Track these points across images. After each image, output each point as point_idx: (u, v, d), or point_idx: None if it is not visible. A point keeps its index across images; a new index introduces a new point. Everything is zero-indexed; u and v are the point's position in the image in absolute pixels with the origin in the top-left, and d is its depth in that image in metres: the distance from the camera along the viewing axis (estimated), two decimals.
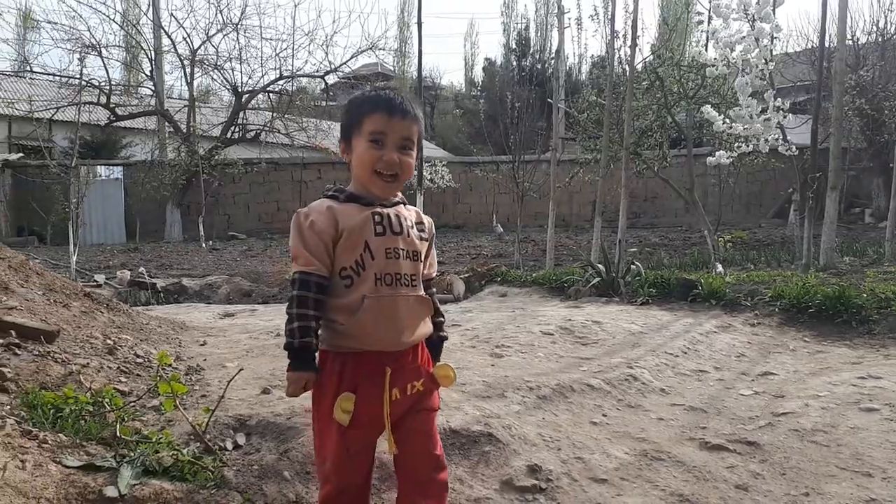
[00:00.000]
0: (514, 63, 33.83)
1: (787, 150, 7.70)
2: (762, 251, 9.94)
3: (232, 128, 19.33)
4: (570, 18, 26.76)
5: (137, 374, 2.97)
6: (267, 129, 19.15)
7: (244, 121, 19.65)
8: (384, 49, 20.59)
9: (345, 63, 19.72)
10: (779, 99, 7.61)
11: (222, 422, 2.56)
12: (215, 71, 19.59)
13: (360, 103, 1.70)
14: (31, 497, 1.76)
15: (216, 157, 17.99)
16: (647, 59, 12.53)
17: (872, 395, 3.11)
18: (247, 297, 8.21)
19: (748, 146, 8.25)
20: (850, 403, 3.02)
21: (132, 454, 2.05)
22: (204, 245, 15.08)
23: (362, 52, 19.42)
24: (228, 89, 19.86)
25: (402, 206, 1.73)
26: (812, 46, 17.61)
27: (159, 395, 2.40)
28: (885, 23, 17.57)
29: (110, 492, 1.86)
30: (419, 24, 9.16)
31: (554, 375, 3.32)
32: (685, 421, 2.90)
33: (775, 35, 7.73)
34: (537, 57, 33.05)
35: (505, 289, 6.68)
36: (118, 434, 2.16)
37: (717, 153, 8.36)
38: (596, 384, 3.24)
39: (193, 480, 2.00)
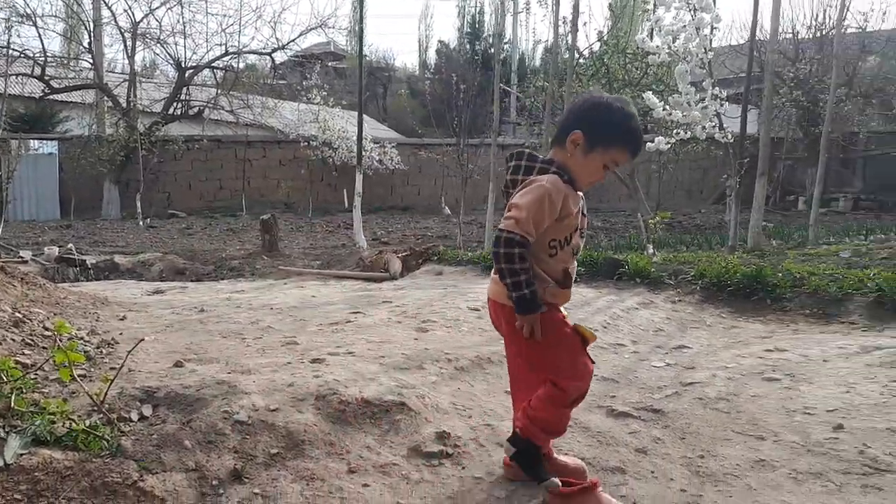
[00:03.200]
0: (468, 47, 33.76)
1: (722, 138, 7.90)
2: (697, 235, 10.22)
3: (174, 104, 18.80)
4: (521, 3, 26.83)
5: (43, 347, 2.88)
6: (211, 105, 18.69)
7: (188, 97, 19.14)
8: (334, 28, 20.32)
9: (293, 41, 19.44)
10: (716, 88, 7.80)
11: (129, 393, 2.51)
12: (158, 45, 19.00)
13: (621, 129, 1.93)
14: None
15: (157, 134, 17.49)
16: (592, 46, 12.69)
17: (776, 366, 3.24)
18: (180, 275, 8.04)
19: (686, 133, 8.44)
20: (754, 374, 3.15)
21: (24, 425, 2.00)
22: (141, 223, 14.69)
23: (311, 29, 19.12)
24: (171, 64, 19.32)
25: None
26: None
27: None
28: (824, 18, 18.14)
29: None
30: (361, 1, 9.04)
31: (475, 348, 3.36)
32: (596, 390, 2.97)
33: (715, 25, 7.90)
34: (490, 41, 33.03)
35: (441, 267, 6.71)
36: (12, 405, 2.10)
37: (657, 139, 8.53)
38: None
39: (87, 450, 1.96)
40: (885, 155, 17.48)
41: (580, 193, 2.00)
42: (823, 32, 18.16)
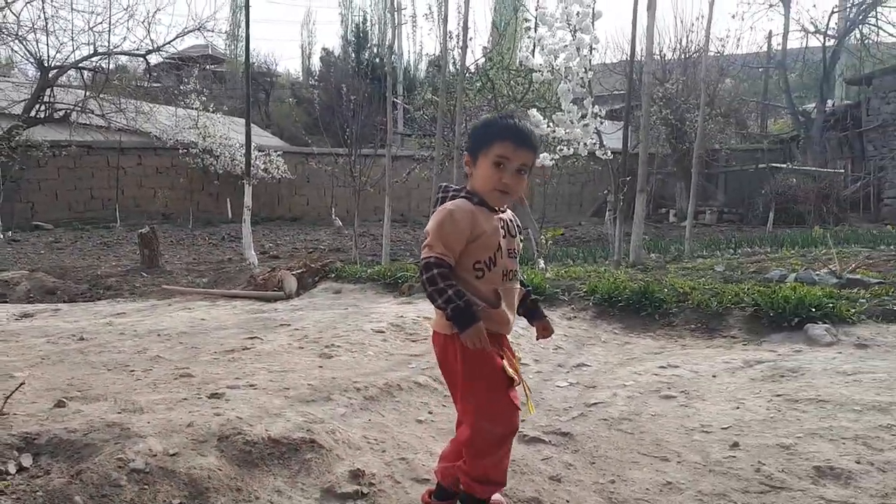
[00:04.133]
0: (353, 55, 33.52)
1: (603, 154, 8.27)
2: (581, 248, 10.62)
3: (37, 106, 17.35)
4: (407, 15, 26.99)
5: None
6: (79, 109, 17.41)
7: (52, 98, 17.72)
8: (213, 31, 19.54)
9: (169, 43, 18.45)
10: (596, 106, 8.16)
11: (4, 441, 2.27)
12: (16, 41, 17.47)
13: (492, 128, 1.97)
14: None
15: (17, 138, 16.06)
16: (478, 62, 12.94)
17: (671, 383, 3.40)
18: (51, 295, 7.40)
19: (569, 149, 8.76)
20: (651, 392, 3.28)
21: None
22: (1, 236, 13.44)
23: (189, 32, 18.26)
24: (32, 63, 17.82)
25: (508, 211, 2.06)
26: (626, 59, 19.07)
27: None
28: (687, 42, 19.51)
29: None
30: (247, 5, 8.75)
31: (382, 375, 3.30)
32: None
33: (594, 46, 8.28)
34: (375, 51, 32.99)
35: (339, 285, 6.57)
36: None
37: (542, 155, 8.80)
38: (423, 381, 3.26)
39: None
40: (743, 170, 19.01)
41: (504, 214, 2.01)
42: (687, 56, 19.55)
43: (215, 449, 2.32)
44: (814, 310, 4.27)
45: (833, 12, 19.70)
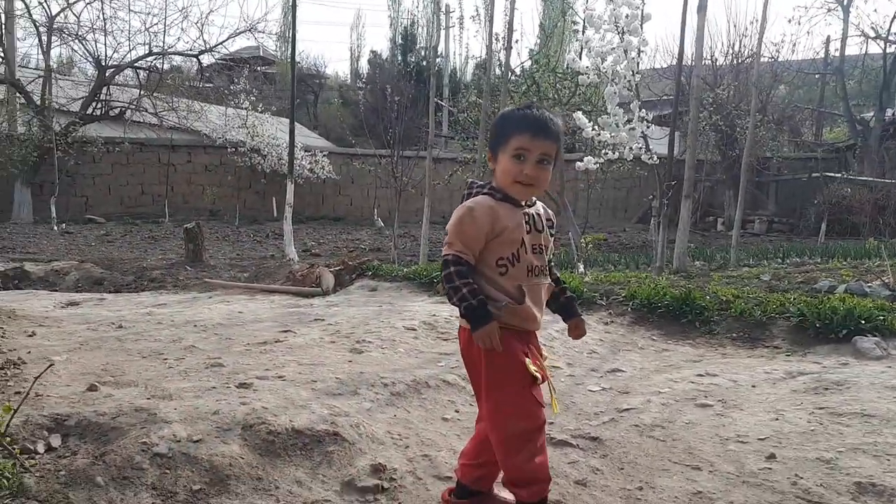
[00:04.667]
0: (400, 58, 33.75)
1: (649, 159, 8.11)
2: (623, 254, 10.44)
3: (94, 103, 17.93)
4: (454, 18, 27.07)
5: None
6: (133, 107, 17.92)
7: (108, 97, 18.29)
8: (264, 32, 19.90)
9: (221, 43, 18.89)
10: (643, 110, 8.02)
11: (36, 422, 2.31)
12: (76, 41, 18.12)
13: (509, 121, 1.94)
14: None
15: (74, 134, 16.62)
16: (524, 64, 12.87)
17: (708, 392, 3.29)
18: (98, 285, 7.61)
19: (614, 153, 8.62)
20: (687, 399, 3.18)
21: None
22: (56, 228, 13.91)
23: (240, 33, 18.67)
24: (91, 62, 18.45)
25: (538, 206, 2.02)
26: (675, 63, 18.76)
27: None
28: (740, 46, 19.04)
29: None
30: (293, 5, 8.88)
31: (411, 371, 3.27)
32: None
33: (642, 49, 8.13)
34: (423, 54, 33.14)
35: (376, 283, 6.59)
36: None
37: (585, 158, 8.68)
38: (452, 380, 3.22)
39: None
40: (795, 179, 18.45)
41: (532, 209, 1.97)
42: (739, 61, 19.08)
43: (239, 437, 2.33)
44: (863, 322, 4.09)
45: None
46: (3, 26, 17.17)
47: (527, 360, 1.92)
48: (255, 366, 3.21)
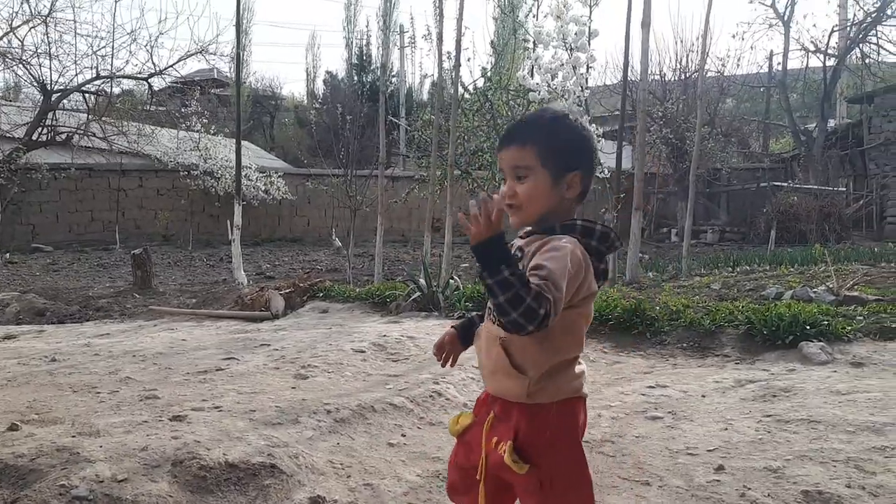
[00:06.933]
0: (356, 78, 33.70)
1: (600, 173, 8.18)
2: None
3: (39, 129, 17.42)
4: (406, 38, 27.16)
5: None
6: (81, 132, 17.45)
7: (54, 122, 17.79)
8: (216, 55, 19.59)
9: (171, 66, 18.49)
10: (593, 125, 8.09)
11: None
12: (20, 66, 17.60)
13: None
14: None
15: (18, 161, 16.11)
16: (476, 82, 12.92)
17: (658, 404, 3.27)
18: (40, 317, 7.30)
19: None
20: (637, 413, 3.15)
21: None
22: None
23: (191, 55, 18.32)
24: (36, 87, 17.92)
25: (534, 238, 1.46)
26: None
27: None
28: (687, 61, 19.50)
29: None
30: (237, 24, 8.79)
31: (356, 396, 3.18)
32: None
33: (591, 65, 8.23)
34: (378, 73, 33.17)
35: (327, 304, 6.46)
36: None
37: None
38: (399, 402, 3.13)
39: None
40: (745, 189, 18.88)
41: (520, 241, 1.52)
42: (687, 75, 19.52)
43: (168, 474, 2.21)
44: (809, 327, 4.14)
45: (833, 31, 19.64)
46: None
47: (462, 413, 1.60)
48: (191, 396, 3.08)
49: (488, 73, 12.50)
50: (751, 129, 23.63)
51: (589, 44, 7.88)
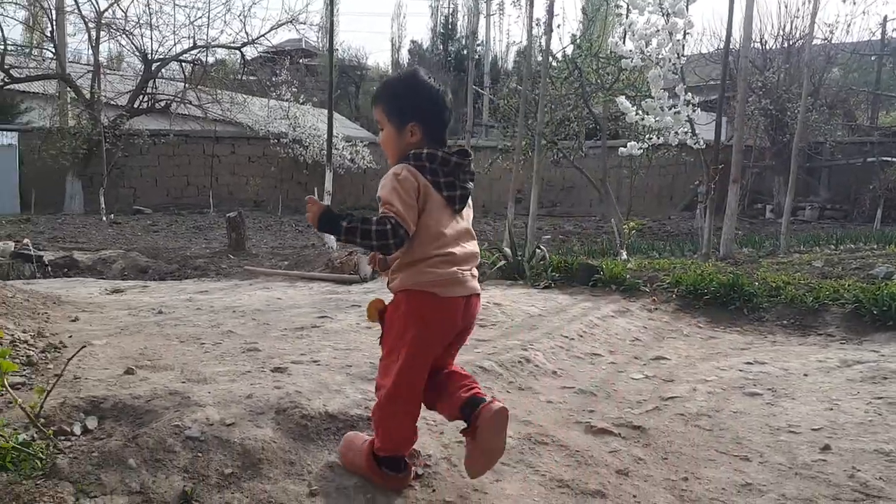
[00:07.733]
0: (441, 47, 33.62)
1: (695, 144, 7.88)
2: (668, 241, 10.20)
3: (140, 97, 18.32)
4: (495, 4, 26.80)
5: None
6: (178, 100, 18.24)
7: (154, 90, 18.67)
8: (306, 24, 20.03)
9: (263, 35, 19.02)
10: (689, 94, 7.78)
11: (72, 404, 2.32)
12: (123, 36, 18.50)
13: None
14: None
15: (122, 127, 17.02)
16: (565, 49, 12.62)
17: (757, 380, 3.15)
18: (142, 274, 7.75)
19: (659, 138, 8.38)
20: (735, 388, 3.05)
21: None
22: (104, 219, 14.25)
23: (281, 24, 18.78)
24: (138, 56, 18.82)
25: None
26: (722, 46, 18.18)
27: None
28: (791, 28, 18.36)
29: None
30: None
31: None
32: (574, 404, 2.85)
33: (688, 31, 7.89)
34: (463, 42, 32.94)
35: None
36: None
37: (629, 144, 8.48)
38: (489, 366, 3.15)
39: (16, 470, 1.77)
40: (849, 165, 17.76)
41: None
42: (790, 43, 18.39)
43: (272, 421, 2.30)
44: None
45: None
46: (54, 22, 17.63)
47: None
48: (290, 350, 3.19)
49: (577, 41, 12.20)
50: (859, 100, 22.10)
51: (687, 9, 7.55)
